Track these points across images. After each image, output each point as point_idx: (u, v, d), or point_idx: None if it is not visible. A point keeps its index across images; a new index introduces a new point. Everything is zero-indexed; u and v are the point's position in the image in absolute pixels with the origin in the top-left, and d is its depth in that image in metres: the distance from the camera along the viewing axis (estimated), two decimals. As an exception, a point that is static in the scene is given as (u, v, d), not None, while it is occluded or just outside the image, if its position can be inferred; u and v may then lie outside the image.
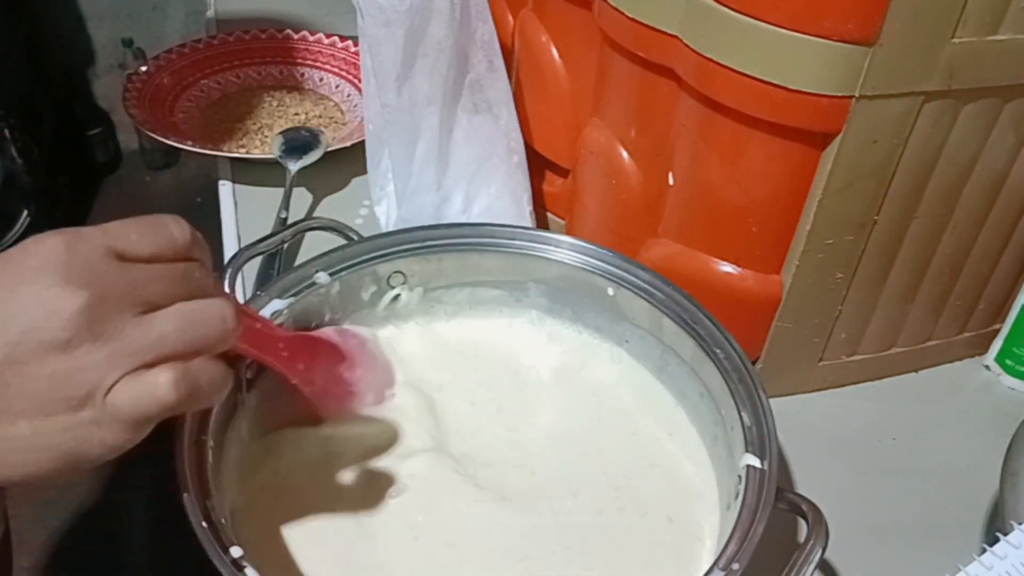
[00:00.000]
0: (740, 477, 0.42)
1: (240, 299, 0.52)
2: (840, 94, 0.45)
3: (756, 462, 0.41)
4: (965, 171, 0.51)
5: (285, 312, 0.50)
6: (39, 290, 0.32)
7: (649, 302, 0.51)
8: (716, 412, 0.47)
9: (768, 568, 0.38)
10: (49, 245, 0.33)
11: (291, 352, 0.45)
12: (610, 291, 0.53)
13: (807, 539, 0.38)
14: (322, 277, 0.52)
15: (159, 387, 0.33)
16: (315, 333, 0.50)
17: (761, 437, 0.42)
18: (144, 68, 0.86)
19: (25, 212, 1.77)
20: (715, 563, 0.37)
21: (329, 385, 0.48)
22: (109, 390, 0.32)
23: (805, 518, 0.39)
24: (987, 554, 0.40)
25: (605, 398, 0.53)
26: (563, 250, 0.54)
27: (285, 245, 0.62)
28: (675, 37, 0.49)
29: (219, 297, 0.36)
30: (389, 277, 0.55)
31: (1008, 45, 0.45)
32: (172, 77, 0.86)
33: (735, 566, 0.36)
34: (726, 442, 0.45)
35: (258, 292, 0.51)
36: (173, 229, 0.36)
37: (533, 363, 0.55)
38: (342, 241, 0.56)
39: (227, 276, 0.52)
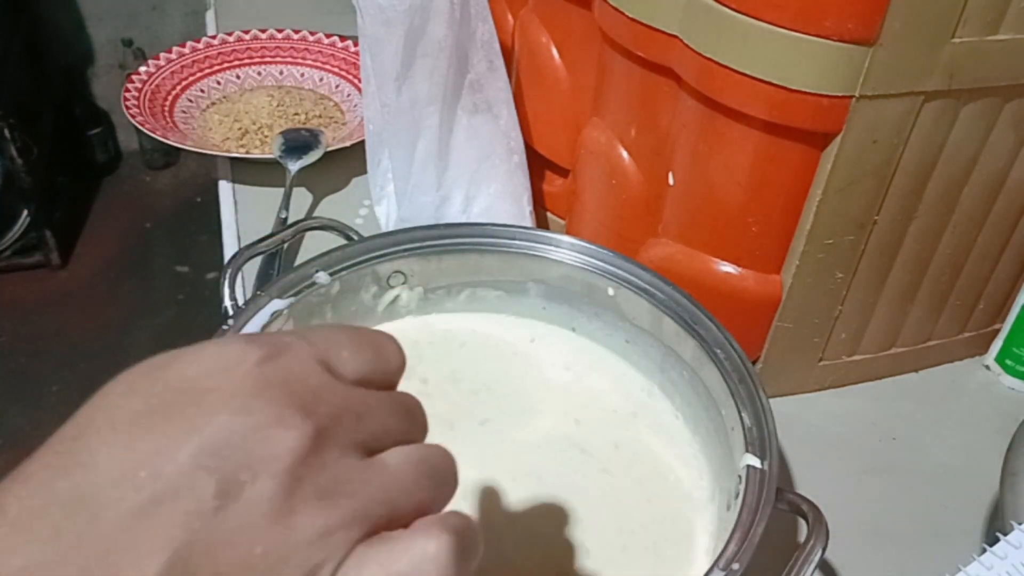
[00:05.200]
0: (740, 477, 0.42)
1: (240, 299, 0.52)
2: (840, 94, 0.45)
3: (756, 462, 0.41)
4: (965, 171, 0.51)
5: (285, 312, 0.50)
6: (243, 421, 0.22)
7: (650, 302, 0.51)
8: (716, 412, 0.47)
9: (768, 568, 0.38)
10: (240, 352, 0.23)
11: None
12: (610, 291, 0.53)
13: (807, 539, 0.38)
14: (322, 277, 0.52)
15: (429, 556, 0.23)
16: None
17: (761, 437, 0.42)
18: (144, 68, 0.86)
19: (25, 212, 1.78)
20: (715, 563, 0.37)
21: None
22: (340, 563, 0.22)
23: (805, 518, 0.39)
24: (987, 554, 0.40)
25: (604, 399, 0.53)
26: (563, 250, 0.54)
27: (285, 245, 0.62)
28: (675, 37, 0.49)
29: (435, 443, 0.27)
30: (389, 277, 0.55)
31: (1008, 45, 0.45)
32: (172, 77, 0.86)
33: (735, 566, 0.36)
34: (726, 442, 0.45)
35: (258, 292, 0.50)
36: (389, 349, 0.28)
37: (531, 364, 0.55)
38: (342, 241, 0.56)
39: (227, 276, 0.52)
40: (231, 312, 0.49)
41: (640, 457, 0.50)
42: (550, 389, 0.54)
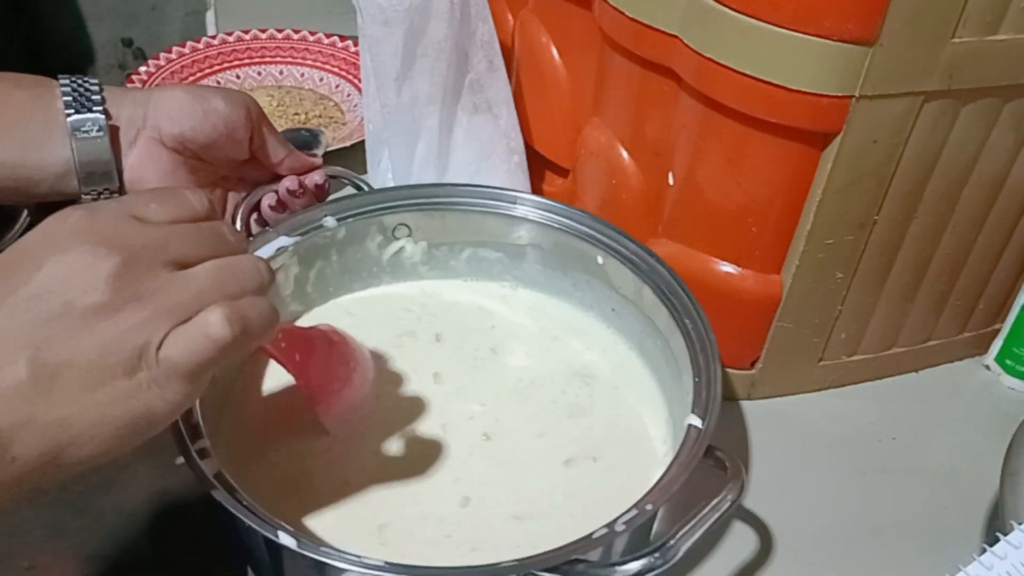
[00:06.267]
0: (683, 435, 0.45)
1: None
2: (840, 94, 0.45)
3: (698, 422, 0.44)
4: (965, 171, 0.51)
5: (291, 248, 0.53)
6: (70, 259, 0.32)
7: (633, 272, 0.53)
8: (679, 378, 0.49)
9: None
10: (70, 218, 0.33)
11: (288, 343, 0.45)
12: (599, 259, 0.55)
13: (722, 489, 0.40)
14: (329, 221, 0.55)
15: (210, 326, 0.33)
16: (309, 329, 0.48)
17: (707, 401, 0.45)
18: (144, 68, 0.86)
19: (25, 212, 1.77)
20: (634, 504, 0.40)
21: (326, 380, 0.47)
22: (160, 345, 0.32)
23: (725, 471, 0.42)
24: (987, 554, 0.40)
25: (581, 360, 0.56)
26: (559, 216, 0.57)
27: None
28: (675, 37, 0.49)
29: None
30: (394, 229, 0.57)
31: (1008, 45, 0.45)
32: (172, 77, 0.86)
33: (648, 506, 0.40)
34: (683, 405, 0.48)
35: (266, 228, 0.54)
36: (191, 197, 0.36)
37: (518, 326, 0.58)
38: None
39: (241, 210, 0.56)
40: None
41: (605, 410, 0.53)
42: (530, 345, 0.57)
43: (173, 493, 0.46)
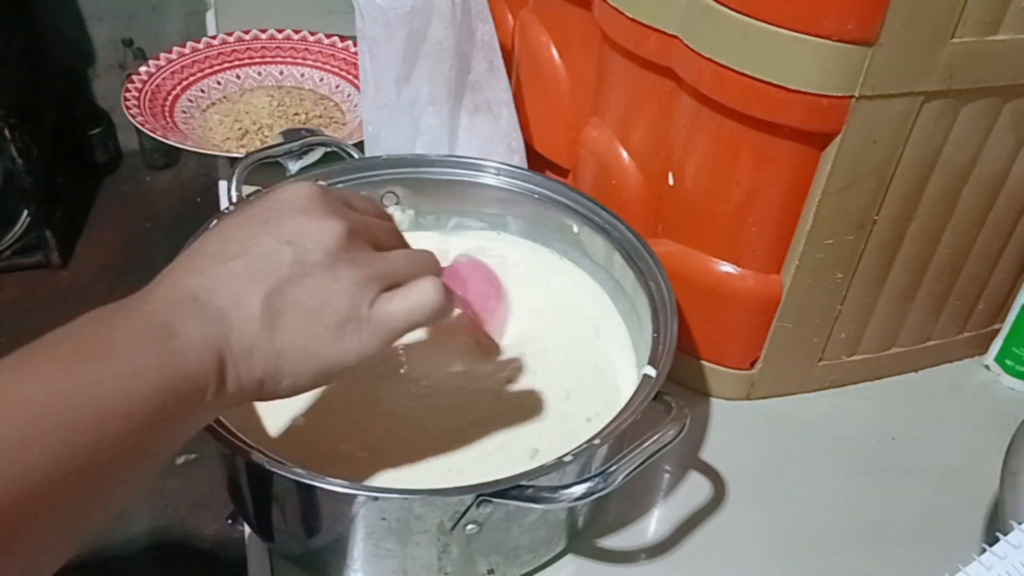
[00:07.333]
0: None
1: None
2: (840, 94, 0.45)
3: (652, 372, 0.47)
4: (965, 171, 0.51)
5: None
6: (311, 222, 0.39)
7: (605, 239, 0.55)
8: (643, 336, 0.51)
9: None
10: (306, 189, 0.40)
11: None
12: (575, 228, 0.58)
13: (664, 425, 0.43)
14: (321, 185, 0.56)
15: (428, 292, 0.40)
16: (454, 265, 0.53)
17: (662, 354, 0.48)
18: (144, 68, 0.86)
19: (25, 212, 1.77)
20: (588, 440, 0.43)
21: (483, 306, 0.53)
22: (372, 303, 0.39)
23: (670, 411, 0.45)
24: (987, 554, 0.40)
25: (567, 319, 0.57)
26: (537, 187, 0.59)
27: (290, 164, 0.67)
28: (675, 37, 0.49)
29: None
30: (383, 196, 0.59)
31: (1008, 45, 0.45)
32: (172, 77, 0.86)
33: (597, 441, 0.43)
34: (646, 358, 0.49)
35: (260, 189, 0.54)
36: (378, 202, 0.48)
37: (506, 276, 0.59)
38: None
39: (235, 175, 0.57)
40: (234, 203, 0.55)
41: (586, 357, 0.55)
42: (520, 295, 0.58)
43: (173, 493, 0.47)
